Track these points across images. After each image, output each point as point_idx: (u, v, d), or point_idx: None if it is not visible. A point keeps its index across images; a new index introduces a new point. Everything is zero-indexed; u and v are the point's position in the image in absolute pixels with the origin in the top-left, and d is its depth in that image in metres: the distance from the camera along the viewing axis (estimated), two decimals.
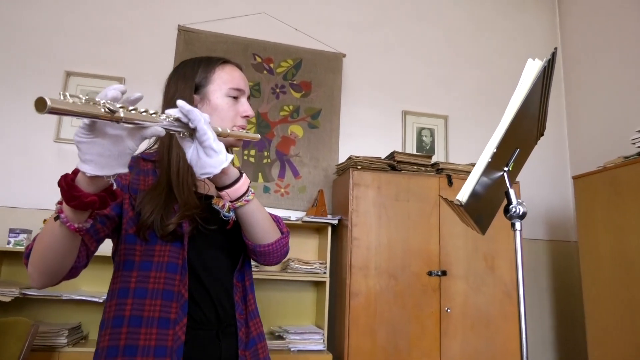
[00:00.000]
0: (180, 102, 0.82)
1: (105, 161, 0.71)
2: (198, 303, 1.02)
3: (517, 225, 1.07)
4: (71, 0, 3.06)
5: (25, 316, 2.33)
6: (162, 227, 0.97)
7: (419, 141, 3.43)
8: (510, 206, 1.06)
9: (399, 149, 3.33)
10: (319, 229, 3.04)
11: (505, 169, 1.07)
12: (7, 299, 2.36)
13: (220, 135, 0.92)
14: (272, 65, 3.27)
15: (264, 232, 1.02)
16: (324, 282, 2.81)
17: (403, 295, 2.65)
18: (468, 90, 3.58)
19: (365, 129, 3.36)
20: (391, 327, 2.61)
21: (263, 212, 1.02)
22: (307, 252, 3.06)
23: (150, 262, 0.98)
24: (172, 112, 0.81)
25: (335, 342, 2.75)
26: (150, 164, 1.07)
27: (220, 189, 0.91)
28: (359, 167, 2.73)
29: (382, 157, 2.87)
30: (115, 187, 0.77)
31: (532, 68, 0.90)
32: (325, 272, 2.80)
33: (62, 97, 0.60)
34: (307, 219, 2.82)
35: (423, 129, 3.46)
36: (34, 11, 2.99)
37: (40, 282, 0.87)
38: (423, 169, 2.85)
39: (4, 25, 2.93)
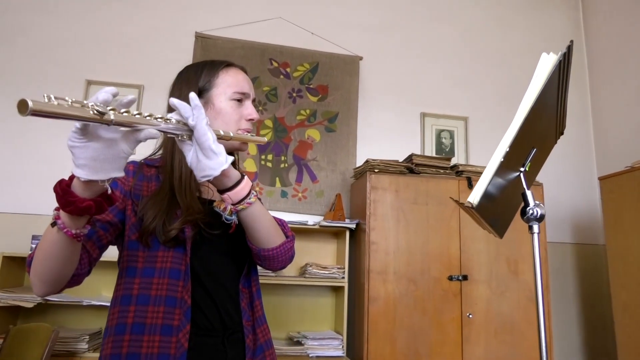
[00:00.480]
0: (191, 96, 0.82)
1: (99, 165, 0.70)
2: (202, 309, 1.01)
3: (535, 228, 1.02)
4: (90, 11, 3.12)
5: (47, 322, 2.38)
6: (164, 232, 0.96)
7: (439, 143, 3.37)
8: (527, 208, 1.01)
9: (418, 152, 3.28)
10: (337, 233, 3.01)
11: (522, 169, 1.03)
12: (30, 305, 2.39)
13: (222, 138, 0.91)
14: (288, 69, 3.27)
15: (267, 236, 1.00)
16: (342, 287, 2.77)
17: (423, 300, 2.60)
18: (488, 90, 3.51)
19: (383, 132, 3.32)
20: (411, 333, 2.56)
21: (266, 215, 1.00)
22: (325, 257, 3.03)
23: (153, 269, 0.97)
24: (174, 102, 0.81)
25: (355, 347, 2.71)
26: (153, 170, 1.07)
27: (221, 192, 0.89)
28: (376, 170, 2.69)
29: (400, 160, 2.83)
30: (110, 191, 0.76)
31: (547, 62, 0.86)
32: (343, 277, 2.76)
33: (46, 100, 0.59)
34: (324, 223, 2.80)
35: (442, 130, 3.40)
36: (55, 22, 3.06)
37: (42, 290, 0.86)
38: (442, 171, 2.80)
39: (26, 36, 3.01)
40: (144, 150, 1.10)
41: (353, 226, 2.80)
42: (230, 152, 1.16)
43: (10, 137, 2.87)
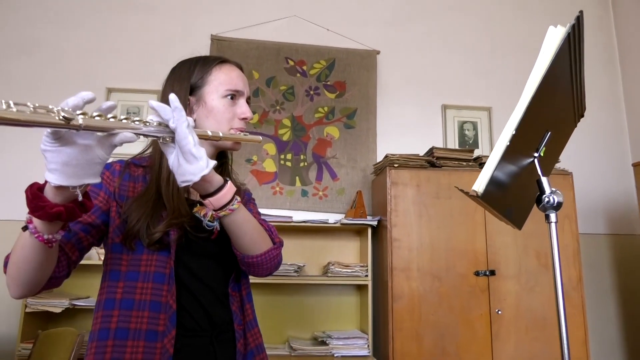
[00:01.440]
0: (171, 97, 0.78)
1: (72, 171, 0.67)
2: (189, 312, 0.98)
3: (552, 217, 0.96)
4: (108, 21, 3.17)
5: (75, 326, 2.42)
6: (147, 235, 0.93)
7: (461, 135, 3.28)
8: (543, 196, 0.95)
9: (440, 145, 3.20)
10: (359, 231, 2.96)
11: (536, 154, 0.96)
12: (58, 310, 2.44)
13: (211, 139, 0.88)
14: (304, 67, 3.24)
15: (251, 243, 0.97)
16: (366, 286, 2.73)
17: (449, 297, 2.53)
18: (511, 78, 3.39)
19: (404, 126, 3.25)
20: (438, 331, 2.49)
21: (251, 222, 0.96)
22: (348, 256, 2.99)
23: (137, 272, 0.94)
24: (155, 105, 0.77)
25: (381, 347, 2.66)
26: (141, 170, 1.04)
27: (203, 197, 0.86)
28: (395, 165, 2.63)
29: (421, 154, 2.76)
30: (80, 198, 0.72)
31: (555, 36, 0.80)
32: (366, 275, 2.71)
33: (4, 106, 0.55)
34: (345, 221, 2.76)
35: (465, 122, 3.31)
36: (74, 33, 3.13)
37: (18, 293, 0.84)
38: (465, 164, 2.71)
39: (46, 48, 3.08)
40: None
41: (375, 223, 2.75)
42: (223, 153, 1.14)
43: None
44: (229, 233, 0.95)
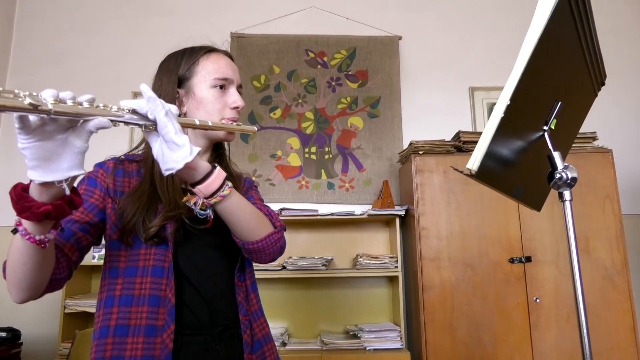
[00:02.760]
0: (142, 88, 0.76)
1: (53, 165, 0.65)
2: (190, 307, 0.97)
3: (567, 194, 0.88)
4: (133, 26, 3.23)
5: None
6: (144, 230, 0.92)
7: None
8: (555, 172, 0.87)
9: (469, 129, 3.08)
10: (388, 221, 2.90)
11: (545, 127, 0.89)
12: (94, 310, 2.52)
13: (199, 128, 0.86)
14: (325, 58, 3.19)
15: (250, 229, 0.94)
16: (396, 277, 2.67)
17: (483, 286, 2.43)
18: None
19: (430, 112, 3.15)
20: (472, 321, 2.40)
21: (247, 207, 0.93)
22: (378, 247, 2.94)
23: (136, 268, 0.93)
24: (129, 104, 0.74)
25: (414, 339, 2.59)
26: (134, 165, 1.03)
27: (192, 185, 0.84)
28: (420, 152, 2.55)
29: (448, 140, 2.66)
30: (68, 192, 0.70)
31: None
32: (396, 266, 2.65)
33: None
34: (371, 212, 2.70)
35: (495, 104, 3.15)
36: (100, 42, 3.21)
37: (19, 297, 0.82)
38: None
39: (75, 56, 3.17)
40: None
41: (402, 213, 2.68)
42: (219, 144, 1.12)
43: None
44: (224, 220, 0.92)
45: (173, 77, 1.01)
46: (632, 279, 2.47)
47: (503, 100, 0.72)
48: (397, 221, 2.70)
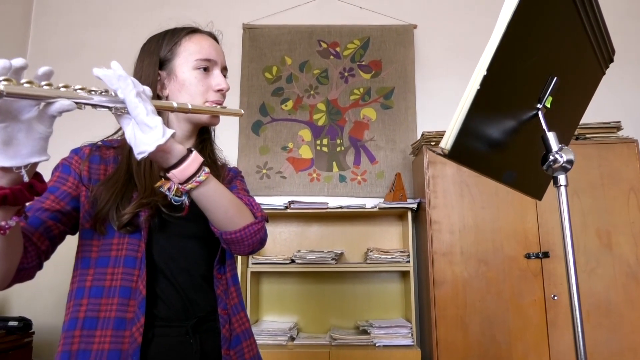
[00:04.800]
0: (113, 65, 0.72)
1: (13, 150, 0.62)
2: (162, 299, 0.93)
3: (562, 179, 0.80)
4: (148, 18, 3.23)
5: None
6: (117, 217, 0.88)
7: None
8: (549, 154, 0.80)
9: None
10: (401, 215, 2.83)
11: (539, 105, 0.81)
12: None
13: (177, 111, 0.82)
14: (338, 49, 3.13)
15: (227, 217, 0.89)
16: (408, 272, 2.59)
17: (497, 282, 2.34)
18: None
19: (446, 102, 3.05)
20: (486, 318, 2.31)
21: (224, 195, 0.88)
22: (390, 241, 2.86)
23: (108, 258, 0.90)
24: (98, 72, 0.71)
25: (425, 335, 2.52)
26: (112, 151, 0.99)
27: (166, 170, 0.79)
28: (432, 143, 2.47)
29: None
30: (26, 179, 0.67)
31: None
32: (408, 261, 2.58)
33: None
34: (383, 205, 2.63)
35: None
36: (113, 34, 3.22)
37: None
38: None
39: (91, 50, 3.20)
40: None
41: (414, 206, 2.60)
42: (205, 129, 1.08)
43: None
44: (201, 207, 0.88)
45: (154, 58, 0.97)
46: None
47: (479, 71, 0.66)
48: (409, 215, 2.63)
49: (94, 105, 0.70)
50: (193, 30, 1.01)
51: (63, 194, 0.91)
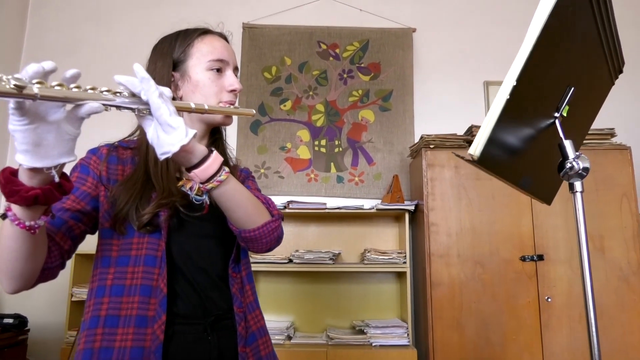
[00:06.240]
0: (135, 68, 0.72)
1: (44, 151, 0.63)
2: (181, 297, 0.94)
3: (578, 185, 0.83)
4: (145, 16, 3.23)
5: None
6: (137, 218, 0.89)
7: None
8: (566, 161, 0.83)
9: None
10: (398, 216, 2.86)
11: (556, 114, 0.84)
12: None
13: (195, 112, 0.83)
14: (337, 50, 3.15)
15: (246, 216, 0.91)
16: (405, 273, 2.62)
17: (493, 284, 2.38)
18: None
19: (443, 106, 3.09)
20: (481, 320, 2.35)
21: (243, 193, 0.90)
22: (387, 242, 2.89)
23: (128, 257, 0.91)
24: (121, 79, 0.72)
25: (421, 336, 2.55)
26: (129, 152, 1.00)
27: (188, 169, 0.80)
28: (431, 146, 2.50)
29: (460, 134, 2.61)
30: (57, 180, 0.68)
31: None
32: (405, 262, 2.61)
33: None
34: (380, 206, 2.66)
35: None
36: (112, 31, 3.21)
37: (11, 287, 0.80)
38: None
39: (88, 46, 3.18)
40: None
41: (412, 208, 2.63)
42: (216, 129, 1.09)
43: None
44: (220, 207, 0.89)
45: (167, 60, 0.98)
46: None
47: (509, 81, 0.68)
48: (407, 216, 2.66)
49: (119, 107, 0.72)
50: (205, 32, 1.02)
51: (83, 194, 0.92)
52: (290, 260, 2.63)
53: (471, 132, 2.55)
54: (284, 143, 3.03)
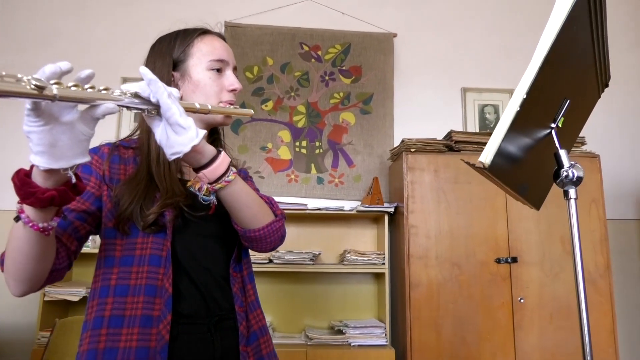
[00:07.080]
0: (142, 70, 0.73)
1: (59, 152, 0.63)
2: (185, 297, 0.94)
3: (572, 193, 0.89)
4: (122, 11, 3.16)
5: None
6: (142, 218, 0.89)
7: (482, 119, 3.17)
8: (562, 170, 0.88)
9: (460, 130, 3.10)
10: (376, 218, 2.91)
11: (553, 125, 0.89)
12: (76, 298, 2.46)
13: (198, 112, 0.83)
14: (319, 52, 3.18)
15: (252, 216, 0.92)
16: (383, 274, 2.67)
17: (469, 286, 2.45)
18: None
19: (422, 111, 3.16)
20: (457, 320, 2.41)
21: (250, 194, 0.92)
22: (366, 243, 2.94)
23: (132, 257, 0.91)
24: (130, 87, 0.72)
25: (399, 336, 2.60)
26: (131, 151, 1.00)
27: (196, 170, 0.81)
28: (412, 150, 2.55)
29: (439, 138, 2.67)
30: (74, 180, 0.69)
31: None
32: (383, 263, 2.65)
33: None
34: (361, 208, 2.70)
35: (486, 105, 3.19)
36: (89, 23, 3.14)
37: (19, 290, 0.80)
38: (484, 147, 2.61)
39: (63, 39, 3.09)
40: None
41: (391, 210, 2.68)
42: (215, 129, 1.10)
43: None
44: (227, 207, 0.90)
45: (167, 59, 0.98)
46: (614, 282, 2.52)
47: (519, 94, 0.72)
48: (386, 218, 2.70)
49: (128, 107, 0.72)
50: (204, 32, 1.02)
51: (87, 194, 0.91)
52: (271, 261, 2.63)
53: (450, 136, 2.62)
54: (265, 143, 3.03)
